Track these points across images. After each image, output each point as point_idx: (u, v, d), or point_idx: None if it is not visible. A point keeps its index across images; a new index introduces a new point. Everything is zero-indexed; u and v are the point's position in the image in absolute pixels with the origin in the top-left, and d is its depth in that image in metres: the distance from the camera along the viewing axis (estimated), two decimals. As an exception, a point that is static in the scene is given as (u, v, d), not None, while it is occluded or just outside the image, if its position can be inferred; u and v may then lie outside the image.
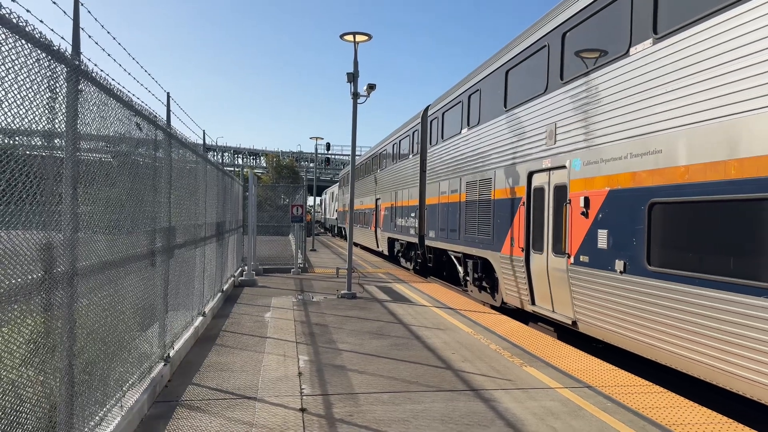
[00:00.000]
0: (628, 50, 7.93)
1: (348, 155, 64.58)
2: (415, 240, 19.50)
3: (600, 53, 8.80)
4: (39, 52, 3.36)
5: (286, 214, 21.91)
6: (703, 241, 6.60)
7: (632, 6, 7.88)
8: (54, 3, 4.01)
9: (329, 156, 65.55)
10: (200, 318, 9.86)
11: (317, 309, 12.15)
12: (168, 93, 7.12)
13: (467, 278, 14.97)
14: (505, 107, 12.07)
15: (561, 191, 9.66)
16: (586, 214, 8.80)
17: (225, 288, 13.54)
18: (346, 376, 7.19)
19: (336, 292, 14.33)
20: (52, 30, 3.67)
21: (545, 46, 10.34)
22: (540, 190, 10.44)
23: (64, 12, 4.40)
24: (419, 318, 11.31)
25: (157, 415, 5.84)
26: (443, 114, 16.68)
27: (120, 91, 5.00)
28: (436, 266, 18.46)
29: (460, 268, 15.55)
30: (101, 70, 4.49)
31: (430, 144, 17.91)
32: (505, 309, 12.61)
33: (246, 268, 16.61)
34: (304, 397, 6.36)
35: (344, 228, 42.44)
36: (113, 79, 4.86)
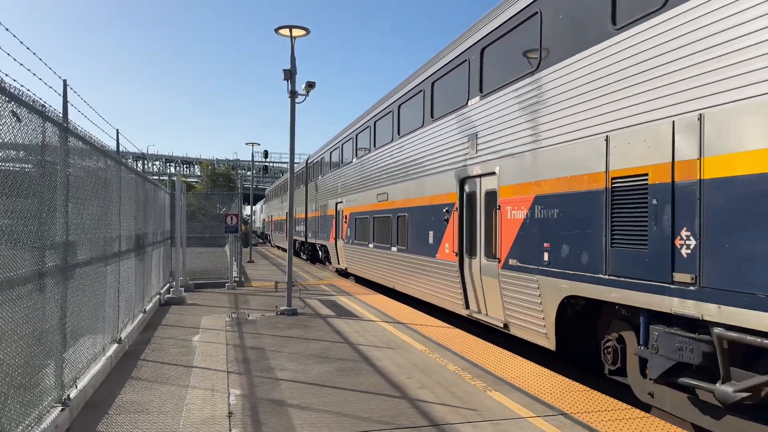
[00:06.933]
0: (368, 151, 18.08)
1: (286, 162, 63.06)
2: (304, 239, 30.66)
3: (365, 149, 18.50)
4: None
5: (221, 224, 20.45)
6: (364, 230, 17.99)
7: (373, 132, 17.99)
8: None
9: (267, 164, 63.66)
10: (114, 346, 8.51)
11: (253, 329, 10.94)
12: (65, 81, 5.94)
13: (323, 259, 26.74)
14: (330, 170, 24.15)
15: (344, 212, 20.97)
16: (346, 222, 20.55)
17: (148, 308, 12.11)
18: (286, 414, 6.11)
19: (275, 308, 13.13)
20: None
21: (338, 147, 22.51)
22: (340, 211, 21.67)
23: None
24: (367, 335, 10.32)
25: (44, 482, 4.59)
26: (313, 164, 28.56)
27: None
28: (315, 255, 29.22)
29: (320, 254, 27.20)
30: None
31: (309, 181, 29.23)
32: (466, 320, 11.82)
33: (174, 284, 15.13)
34: (234, 446, 5.24)
35: (269, 234, 57.24)
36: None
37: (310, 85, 12.80)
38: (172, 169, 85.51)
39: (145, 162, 80.00)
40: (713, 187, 5.39)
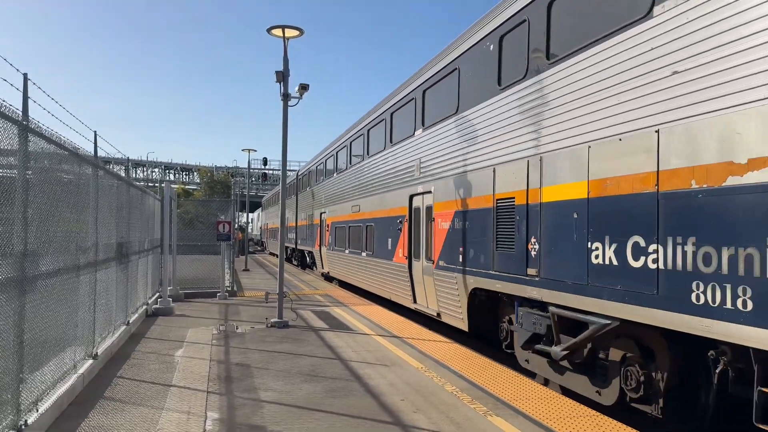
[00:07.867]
0: (346, 167, 20.44)
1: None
2: (294, 246, 33.39)
3: (344, 165, 20.74)
4: None
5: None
6: (342, 237, 20.42)
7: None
8: None
9: (266, 171, 62.99)
10: (89, 362, 7.94)
11: (241, 343, 10.37)
12: (25, 74, 5.36)
13: (310, 264, 29.31)
14: (315, 182, 26.66)
15: (326, 221, 23.04)
16: (328, 230, 22.80)
17: (132, 320, 11.53)
18: (266, 443, 5.53)
19: (265, 320, 12.57)
20: None
21: (322, 162, 24.97)
22: (323, 220, 23.66)
23: None
24: (360, 351, 9.75)
25: None
26: (302, 176, 31.84)
27: None
28: (304, 261, 31.91)
29: (308, 259, 30.14)
30: None
31: (299, 192, 32.24)
32: (465, 335, 11.26)
33: (162, 293, 14.55)
34: (203, 483, 4.67)
35: (265, 242, 60.67)
36: None
37: (304, 88, 12.28)
38: (172, 176, 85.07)
39: (145, 169, 79.58)
40: (546, 208, 7.47)
